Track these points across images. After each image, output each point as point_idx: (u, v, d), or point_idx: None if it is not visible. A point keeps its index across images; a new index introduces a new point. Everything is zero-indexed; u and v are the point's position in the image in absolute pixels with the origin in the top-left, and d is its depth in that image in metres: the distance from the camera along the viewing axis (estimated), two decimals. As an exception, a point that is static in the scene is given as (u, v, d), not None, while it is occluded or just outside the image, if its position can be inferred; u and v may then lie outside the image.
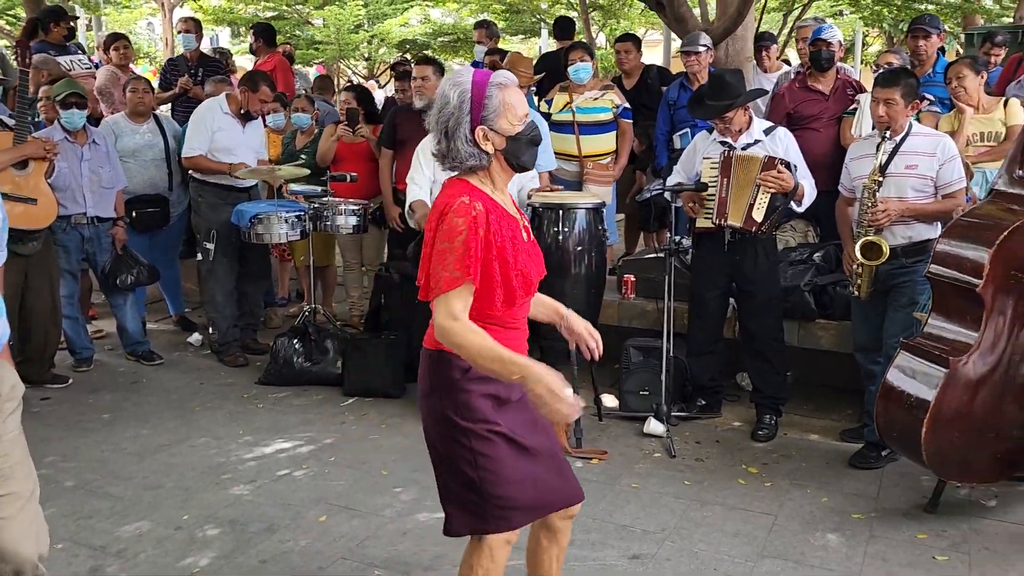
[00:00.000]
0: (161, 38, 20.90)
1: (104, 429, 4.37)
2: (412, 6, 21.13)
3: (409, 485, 3.76)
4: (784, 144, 4.12)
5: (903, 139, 3.79)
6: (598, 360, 2.49)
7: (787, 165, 3.99)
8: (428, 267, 2.15)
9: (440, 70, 5.53)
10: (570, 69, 5.58)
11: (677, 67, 6.44)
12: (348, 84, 18.34)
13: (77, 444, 4.17)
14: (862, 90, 4.97)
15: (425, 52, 19.92)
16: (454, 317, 2.09)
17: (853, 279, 3.91)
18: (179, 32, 7.01)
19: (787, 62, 7.52)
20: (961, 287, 3.20)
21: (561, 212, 4.16)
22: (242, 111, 5.34)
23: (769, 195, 3.97)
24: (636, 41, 6.41)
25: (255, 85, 5.32)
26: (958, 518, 3.45)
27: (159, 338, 5.87)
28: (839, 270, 4.68)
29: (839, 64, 5.29)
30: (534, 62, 6.61)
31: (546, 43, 19.56)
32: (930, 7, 13.90)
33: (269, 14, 20.04)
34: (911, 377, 3.35)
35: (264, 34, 7.26)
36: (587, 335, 2.43)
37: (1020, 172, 3.21)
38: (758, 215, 3.99)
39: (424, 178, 4.33)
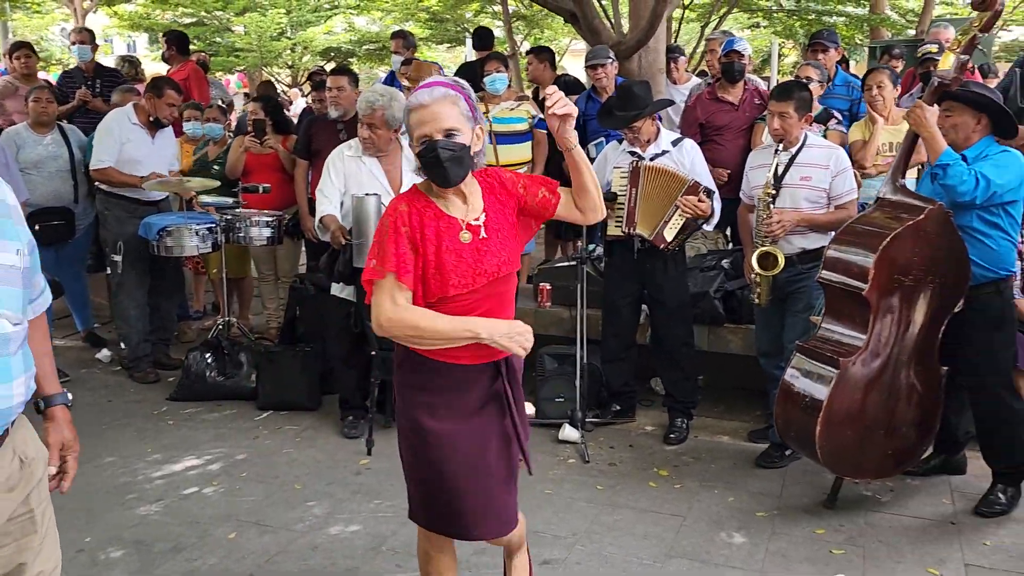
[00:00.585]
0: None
1: (4, 451, 4.22)
2: (336, 13, 20.98)
3: (322, 499, 3.73)
4: (691, 156, 4.23)
5: (798, 151, 3.93)
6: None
7: (708, 193, 4.10)
8: None
9: (355, 80, 5.52)
10: (486, 80, 5.63)
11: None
12: (249, 95, 18.10)
13: (-26, 467, 4.02)
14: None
15: (349, 60, 19.82)
16: (387, 310, 2.23)
17: (753, 287, 4.04)
18: (73, 43, 6.84)
19: (704, 73, 7.71)
20: (849, 291, 3.34)
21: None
22: (151, 119, 5.23)
23: (684, 218, 4.08)
24: (548, 53, 6.50)
25: (159, 91, 5.22)
26: (854, 513, 3.59)
27: (66, 355, 5.68)
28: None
29: (748, 76, 5.47)
30: (454, 72, 6.65)
31: (471, 52, 19.69)
32: (839, 20, 14.46)
33: (188, 20, 19.65)
34: (806, 378, 3.48)
35: (177, 41, 7.12)
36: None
37: (902, 180, 3.37)
38: (669, 234, 4.10)
39: (334, 190, 4.31)
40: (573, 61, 21.27)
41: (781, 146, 3.86)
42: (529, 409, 4.73)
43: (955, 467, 3.89)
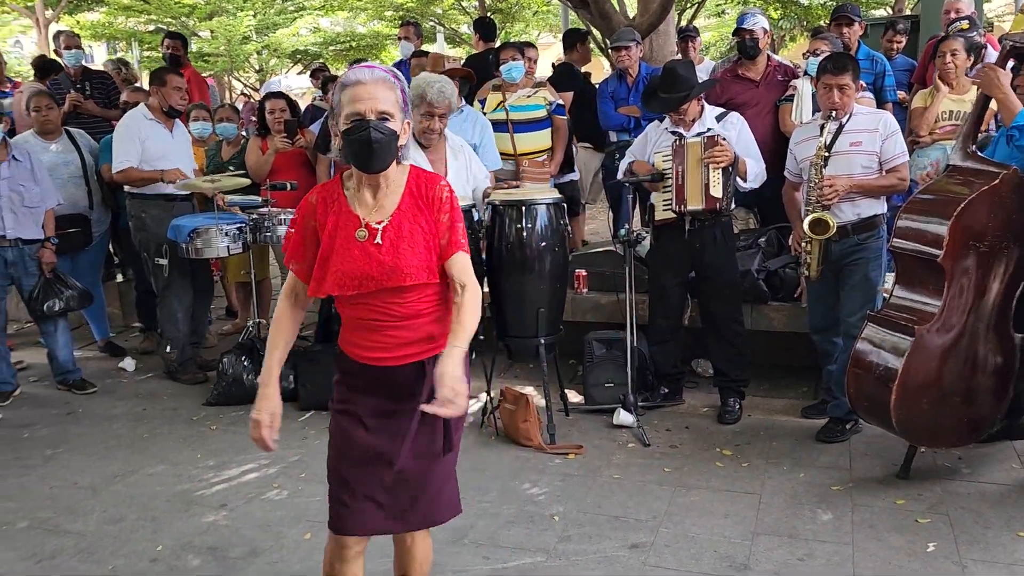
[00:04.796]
0: (32, 56, 19.80)
1: (48, 464, 4.07)
2: (302, 15, 20.73)
3: (391, 495, 3.64)
4: (737, 128, 4.21)
5: (848, 118, 3.92)
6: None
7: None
8: None
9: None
10: (502, 68, 5.58)
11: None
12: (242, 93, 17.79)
13: (21, 482, 3.87)
14: (795, 75, 5.13)
15: (318, 61, 19.60)
16: (281, 296, 2.33)
17: (803, 259, 4.02)
18: (65, 48, 6.68)
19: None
20: (923, 258, 3.34)
21: (523, 208, 4.13)
22: (164, 110, 5.10)
23: (720, 171, 4.05)
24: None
25: (161, 80, 5.12)
26: (930, 482, 3.60)
27: (88, 365, 5.52)
28: (784, 253, 4.83)
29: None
30: (461, 63, 6.57)
31: (442, 48, 19.55)
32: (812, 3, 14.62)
33: (151, 28, 19.27)
34: (879, 347, 3.47)
35: (183, 39, 7.07)
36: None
37: (973, 147, 3.38)
38: (716, 191, 4.06)
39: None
40: (542, 55, 21.30)
41: (834, 114, 3.84)
42: (576, 396, 4.72)
43: (1016, 432, 3.90)
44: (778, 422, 4.36)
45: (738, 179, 4.19)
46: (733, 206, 4.34)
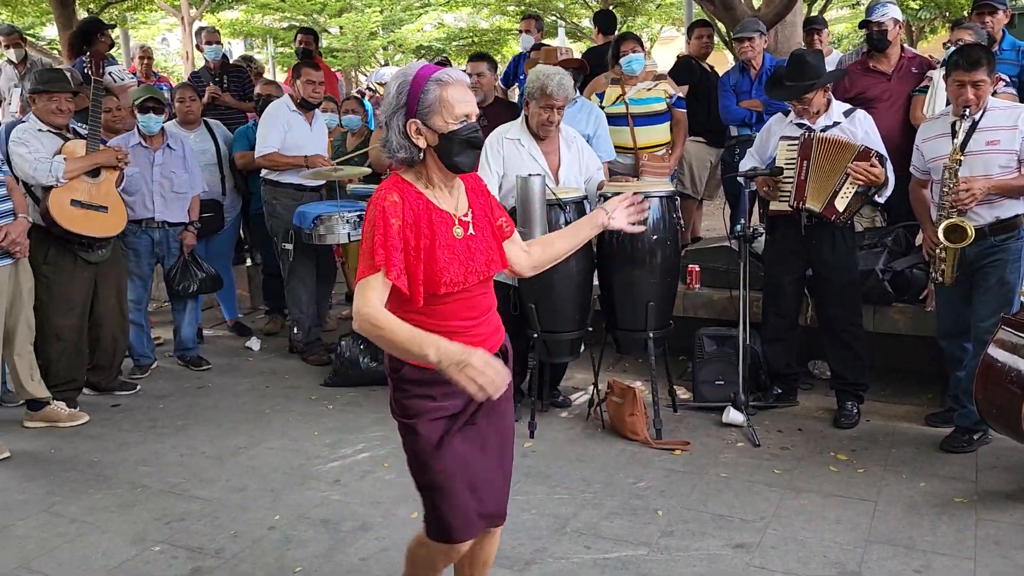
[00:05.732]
0: (179, 52, 21.04)
1: (179, 434, 4.35)
2: (426, 11, 21.17)
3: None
4: (864, 127, 4.04)
5: (981, 115, 3.70)
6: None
7: (880, 159, 3.91)
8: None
9: (493, 66, 5.51)
10: (622, 60, 5.53)
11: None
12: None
13: (156, 449, 4.15)
14: (931, 67, 4.88)
15: (444, 55, 19.97)
16: (366, 305, 2.05)
17: (936, 264, 3.81)
18: (206, 43, 7.10)
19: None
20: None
21: (636, 201, 4.09)
22: (298, 102, 5.34)
23: (855, 186, 3.90)
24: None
25: (297, 73, 5.37)
26: (1066, 498, 3.38)
27: (216, 343, 5.86)
28: (912, 252, 4.61)
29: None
30: (581, 55, 6.57)
31: (563, 42, 19.55)
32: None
33: (284, 24, 20.13)
34: (1012, 352, 3.27)
35: (314, 34, 7.40)
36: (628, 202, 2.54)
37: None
38: (840, 204, 3.92)
39: (492, 175, 4.28)
40: (663, 49, 20.97)
41: (967, 112, 3.64)
42: (685, 393, 4.67)
43: None
44: (899, 429, 4.18)
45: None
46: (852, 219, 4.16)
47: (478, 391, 1.94)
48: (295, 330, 5.43)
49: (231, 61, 7.55)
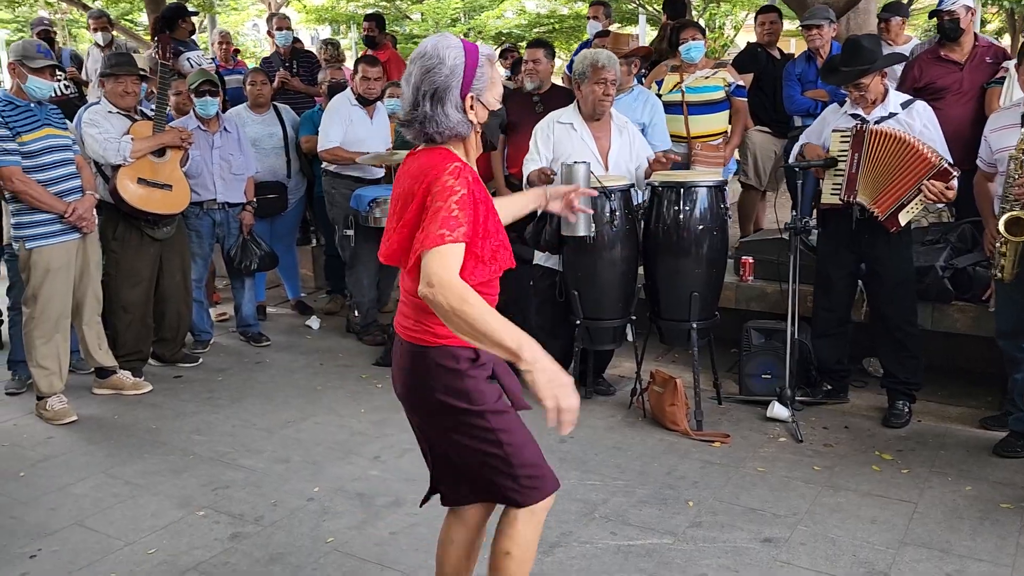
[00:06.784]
0: (267, 37, 21.65)
1: (233, 406, 4.53)
2: (507, -2, 21.19)
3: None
4: (922, 120, 3.89)
5: None
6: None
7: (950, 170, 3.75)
8: (402, 232, 2.03)
9: (551, 53, 5.51)
10: (681, 48, 5.48)
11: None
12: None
13: (209, 419, 4.34)
14: (1007, 57, 4.68)
15: (520, 44, 19.98)
16: (453, 275, 1.88)
17: (996, 259, 3.67)
18: (277, 29, 7.30)
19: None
20: None
21: (682, 191, 4.07)
22: (358, 97, 5.45)
23: (924, 204, 3.79)
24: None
25: (354, 69, 5.50)
26: (1120, 510, 3.22)
27: (279, 321, 6.06)
28: (977, 250, 4.44)
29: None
30: (650, 42, 6.51)
31: (644, 30, 19.29)
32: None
33: (368, 11, 20.45)
34: (1068, 358, 3.13)
35: (377, 20, 7.53)
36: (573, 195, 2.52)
37: None
38: (904, 219, 3.81)
39: (541, 160, 4.31)
40: (748, 37, 20.47)
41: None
42: (732, 385, 4.61)
43: None
44: (950, 430, 4.05)
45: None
46: None
47: (554, 410, 1.84)
48: (355, 312, 5.59)
49: (313, 47, 7.76)
